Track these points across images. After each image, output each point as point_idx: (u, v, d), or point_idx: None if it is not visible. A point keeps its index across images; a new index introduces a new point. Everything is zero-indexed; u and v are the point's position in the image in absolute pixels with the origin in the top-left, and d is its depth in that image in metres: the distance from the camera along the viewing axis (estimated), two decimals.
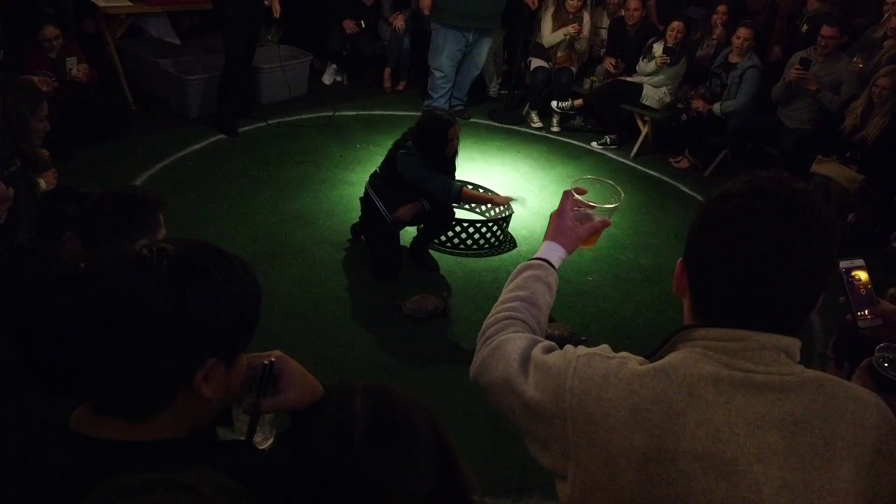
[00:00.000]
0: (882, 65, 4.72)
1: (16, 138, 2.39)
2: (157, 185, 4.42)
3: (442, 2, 5.58)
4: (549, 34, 6.02)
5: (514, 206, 4.19)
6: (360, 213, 4.00)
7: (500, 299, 1.30)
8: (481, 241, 4.18)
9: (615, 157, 5.83)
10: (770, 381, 0.92)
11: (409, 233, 4.05)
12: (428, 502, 0.82)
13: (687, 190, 5.41)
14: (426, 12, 5.71)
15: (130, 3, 5.30)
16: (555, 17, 5.98)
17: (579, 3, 5.89)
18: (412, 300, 3.56)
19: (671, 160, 5.78)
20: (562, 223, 1.34)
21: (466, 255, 4.15)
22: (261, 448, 1.13)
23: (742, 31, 5.20)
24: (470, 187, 4.66)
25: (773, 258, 0.91)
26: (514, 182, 5.13)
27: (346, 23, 6.19)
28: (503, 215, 4.38)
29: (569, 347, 1.07)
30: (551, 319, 1.37)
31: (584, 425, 0.95)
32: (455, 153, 3.80)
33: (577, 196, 1.36)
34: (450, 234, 4.13)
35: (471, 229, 4.14)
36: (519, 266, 1.35)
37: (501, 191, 4.65)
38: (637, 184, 5.39)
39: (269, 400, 1.06)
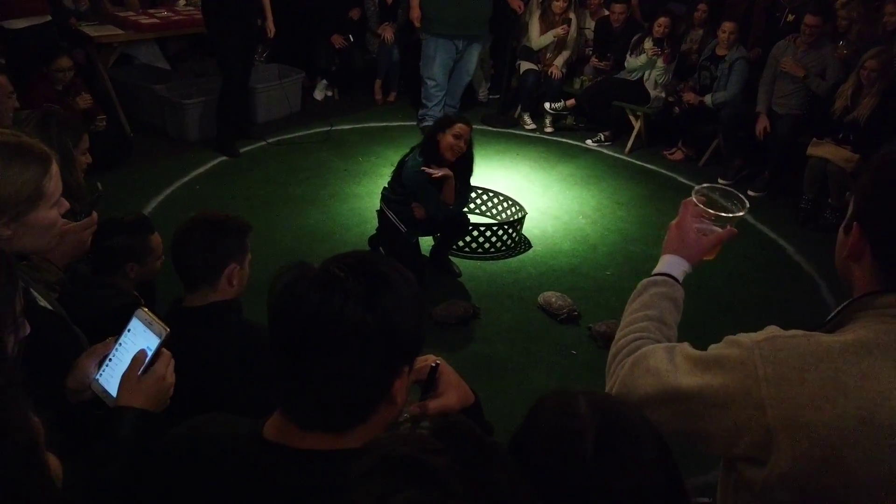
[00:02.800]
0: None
1: (61, 171, 2.39)
2: (169, 210, 4.41)
3: (430, 12, 5.64)
4: (538, 37, 6.12)
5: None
6: (375, 226, 4.04)
7: (628, 319, 1.26)
8: (498, 244, 4.25)
9: (611, 153, 5.94)
10: None
11: (429, 240, 4.09)
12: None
13: (684, 180, 5.53)
14: (416, 24, 5.78)
15: (122, 32, 5.27)
16: (542, 19, 6.09)
17: (565, 5, 6.01)
18: (442, 306, 3.61)
19: (665, 153, 5.90)
20: (684, 235, 1.29)
21: (485, 259, 4.21)
22: None
23: (727, 25, 5.36)
24: (479, 191, 4.75)
25: None
26: (518, 184, 5.20)
27: (334, 38, 6.23)
28: (515, 217, 4.45)
29: (730, 338, 1.05)
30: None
31: (788, 410, 0.94)
32: (461, 156, 3.63)
33: (699, 205, 1.28)
34: (467, 238, 4.18)
35: (488, 233, 4.20)
36: (642, 283, 1.30)
37: (507, 192, 4.72)
38: (636, 178, 5.50)
39: (434, 402, 1.10)
